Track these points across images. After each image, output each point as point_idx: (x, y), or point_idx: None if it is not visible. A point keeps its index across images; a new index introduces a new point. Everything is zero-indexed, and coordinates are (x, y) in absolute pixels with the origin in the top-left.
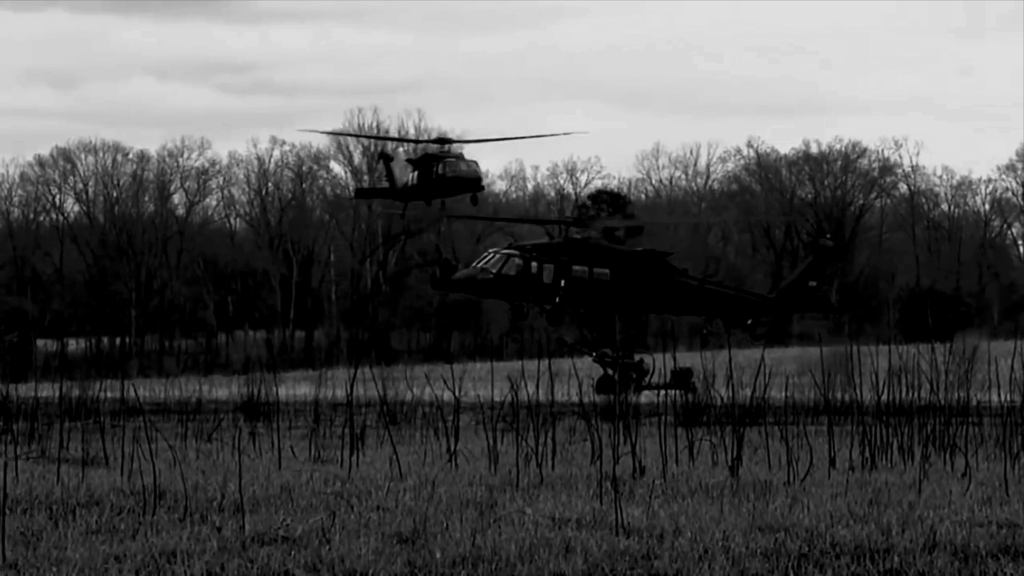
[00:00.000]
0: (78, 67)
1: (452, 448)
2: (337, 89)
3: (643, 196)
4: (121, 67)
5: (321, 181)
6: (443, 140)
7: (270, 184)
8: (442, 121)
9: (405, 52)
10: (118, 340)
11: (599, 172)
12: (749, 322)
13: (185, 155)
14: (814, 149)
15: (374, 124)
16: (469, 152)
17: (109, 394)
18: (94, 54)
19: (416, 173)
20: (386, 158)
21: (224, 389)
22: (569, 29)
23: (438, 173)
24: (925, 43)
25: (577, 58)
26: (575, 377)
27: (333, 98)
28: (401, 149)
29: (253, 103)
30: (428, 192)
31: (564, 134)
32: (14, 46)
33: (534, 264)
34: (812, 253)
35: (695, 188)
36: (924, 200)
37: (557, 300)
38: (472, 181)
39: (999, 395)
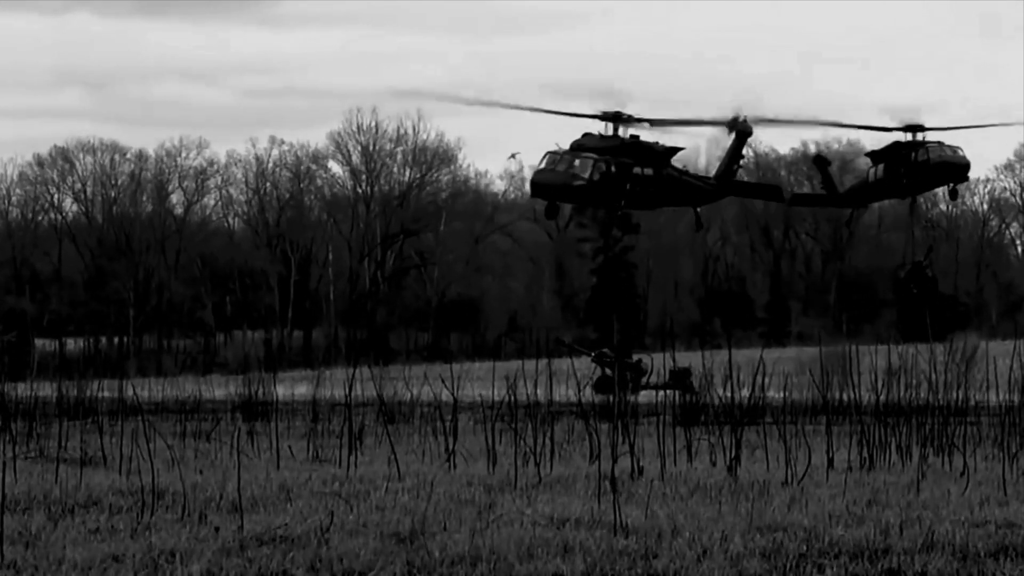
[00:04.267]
0: (105, 70)
1: (450, 448)
2: (352, 91)
3: None
4: (147, 70)
5: (320, 181)
6: (915, 128)
7: (268, 184)
8: (442, 122)
9: (420, 55)
10: (116, 340)
11: None
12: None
13: (183, 155)
14: (813, 149)
15: (373, 124)
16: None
17: (107, 394)
18: (120, 56)
19: (881, 167)
20: (822, 161)
21: (222, 389)
22: (567, 31)
23: (918, 160)
24: (924, 44)
25: (576, 60)
26: (574, 377)
27: (350, 100)
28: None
29: (271, 105)
30: (901, 186)
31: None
32: (38, 49)
33: (611, 167)
34: (734, 134)
35: None
36: (923, 199)
37: (622, 203)
38: (960, 167)
39: (997, 395)
